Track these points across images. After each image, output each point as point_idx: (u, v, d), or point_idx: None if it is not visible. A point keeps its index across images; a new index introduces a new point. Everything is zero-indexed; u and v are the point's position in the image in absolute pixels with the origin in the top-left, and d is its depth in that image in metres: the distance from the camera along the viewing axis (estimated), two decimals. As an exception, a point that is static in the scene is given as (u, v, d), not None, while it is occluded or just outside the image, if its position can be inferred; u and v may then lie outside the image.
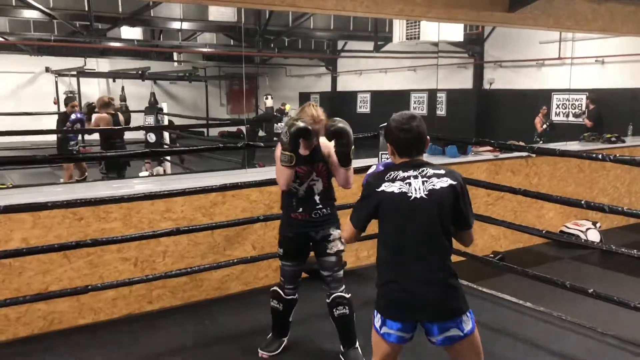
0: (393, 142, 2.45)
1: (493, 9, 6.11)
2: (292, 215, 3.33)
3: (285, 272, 3.50)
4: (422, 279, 2.31)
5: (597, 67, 11.89)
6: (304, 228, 3.34)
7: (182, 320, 4.17)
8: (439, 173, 2.39)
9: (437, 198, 2.33)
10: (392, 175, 2.38)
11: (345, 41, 17.02)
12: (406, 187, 2.34)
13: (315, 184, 3.31)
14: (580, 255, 5.99)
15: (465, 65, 14.97)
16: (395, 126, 2.43)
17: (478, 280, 4.88)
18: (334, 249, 3.38)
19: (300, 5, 5.25)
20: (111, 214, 4.07)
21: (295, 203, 3.31)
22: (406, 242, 2.34)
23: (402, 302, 2.33)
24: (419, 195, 2.33)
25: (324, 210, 3.35)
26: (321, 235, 3.36)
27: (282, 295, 3.50)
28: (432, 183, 2.35)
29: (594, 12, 6.89)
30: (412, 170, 2.38)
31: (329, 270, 3.41)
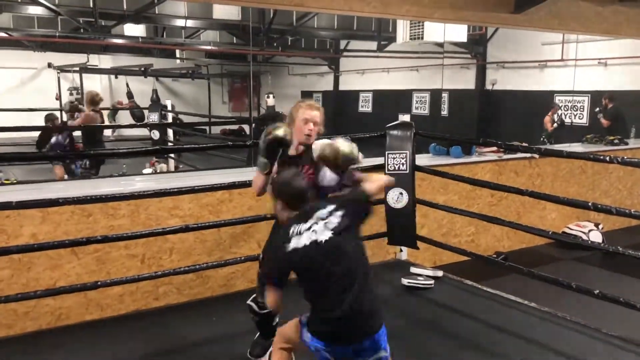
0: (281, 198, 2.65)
1: (499, 10, 6.13)
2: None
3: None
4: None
5: (599, 69, 11.91)
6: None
7: (188, 317, 4.20)
8: (331, 209, 2.53)
9: (339, 230, 2.49)
10: (296, 228, 2.51)
11: (348, 40, 17.04)
12: (314, 235, 2.47)
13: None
14: (582, 257, 6.02)
15: (468, 66, 14.98)
16: (283, 185, 2.66)
17: (482, 280, 4.91)
18: None
19: (308, 4, 5.27)
20: (119, 211, 4.10)
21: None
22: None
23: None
24: (325, 237, 2.46)
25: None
26: None
27: (255, 309, 3.39)
28: (331, 223, 2.49)
29: (599, 15, 6.90)
30: (310, 219, 2.51)
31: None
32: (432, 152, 6.12)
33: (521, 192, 4.37)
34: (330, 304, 2.43)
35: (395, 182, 4.78)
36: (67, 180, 6.89)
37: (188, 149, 7.46)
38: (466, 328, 4.00)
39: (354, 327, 2.44)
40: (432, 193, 5.45)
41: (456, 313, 4.29)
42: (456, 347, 3.72)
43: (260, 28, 12.57)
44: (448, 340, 3.87)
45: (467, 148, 6.01)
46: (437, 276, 4.92)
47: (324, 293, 2.45)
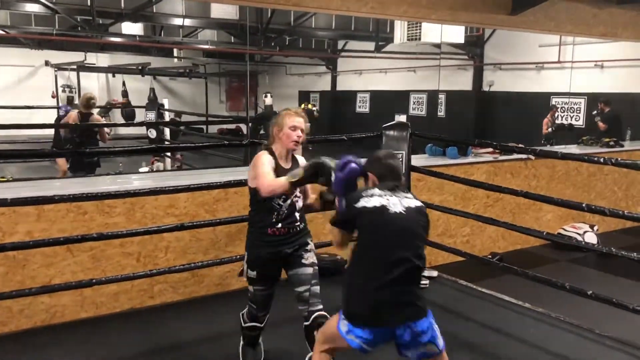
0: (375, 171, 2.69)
1: (496, 11, 6.16)
2: (269, 231, 3.02)
3: (257, 298, 3.15)
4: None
5: (596, 71, 11.96)
6: (280, 245, 3.05)
7: (183, 316, 4.20)
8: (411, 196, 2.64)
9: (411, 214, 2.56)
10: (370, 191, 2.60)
11: (346, 41, 17.06)
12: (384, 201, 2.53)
13: (298, 201, 3.09)
14: (577, 258, 6.05)
15: (465, 67, 15.03)
16: (381, 158, 2.73)
17: (478, 281, 4.93)
18: (310, 260, 3.12)
19: (305, 4, 5.29)
20: (115, 209, 4.10)
21: (274, 219, 3.01)
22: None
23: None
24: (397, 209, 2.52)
25: (301, 225, 3.13)
26: (294, 247, 3.09)
27: (258, 326, 3.25)
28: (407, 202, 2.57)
29: (595, 17, 6.93)
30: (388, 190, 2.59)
31: (305, 284, 3.06)
32: (429, 152, 6.13)
33: (516, 192, 4.39)
34: (379, 277, 2.40)
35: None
36: (63, 178, 6.89)
37: (184, 148, 7.47)
38: (460, 328, 4.01)
39: (397, 310, 2.41)
40: (428, 193, 5.46)
41: (450, 313, 4.30)
42: (450, 347, 3.70)
43: (258, 27, 12.58)
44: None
45: (463, 149, 6.03)
46: (432, 276, 4.94)
47: (375, 262, 2.43)
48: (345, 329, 2.46)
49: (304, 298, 3.06)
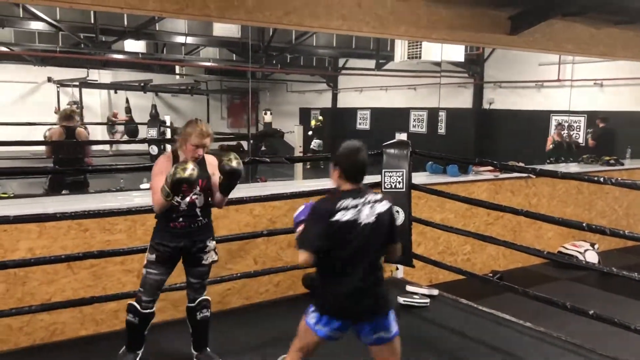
0: (343, 167, 2.72)
1: (495, 31, 6.22)
2: (172, 224, 3.34)
3: (147, 281, 3.38)
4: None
5: (595, 89, 12.01)
6: (182, 237, 3.37)
7: (183, 333, 4.17)
8: (378, 199, 2.76)
9: (381, 221, 2.72)
10: (345, 203, 2.65)
11: (346, 59, 17.17)
12: (358, 214, 2.66)
13: (197, 199, 3.36)
14: (579, 276, 6.03)
15: (465, 85, 15.11)
16: (347, 152, 2.73)
17: (478, 299, 4.91)
18: (209, 260, 3.49)
19: (307, 24, 5.35)
20: (116, 226, 4.11)
21: (175, 215, 3.33)
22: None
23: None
24: (368, 220, 2.68)
25: (204, 221, 3.43)
26: (198, 246, 3.42)
27: (138, 309, 3.39)
28: (377, 209, 2.72)
29: (594, 37, 7.00)
30: (360, 198, 2.70)
31: (199, 278, 3.51)
32: (429, 170, 6.15)
33: (516, 211, 4.39)
34: (350, 280, 2.66)
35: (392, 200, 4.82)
36: (64, 195, 6.90)
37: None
38: (461, 347, 4.00)
39: (367, 306, 2.69)
40: (429, 211, 5.47)
41: (451, 332, 4.29)
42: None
43: (259, 45, 12.67)
44: (443, 358, 3.86)
45: (463, 167, 6.05)
46: (432, 295, 4.93)
47: (346, 269, 2.67)
48: (313, 320, 2.73)
49: (194, 287, 3.52)
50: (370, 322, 2.71)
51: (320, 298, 2.77)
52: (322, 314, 2.71)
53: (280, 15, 5.00)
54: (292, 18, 5.06)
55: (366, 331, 2.72)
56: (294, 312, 4.61)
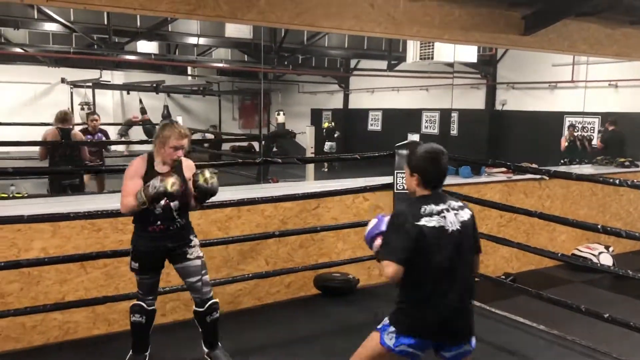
0: (423, 173, 2.51)
1: (508, 31, 6.18)
2: (150, 228, 3.32)
3: (143, 285, 3.45)
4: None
5: (610, 90, 11.90)
6: (160, 240, 3.34)
7: (195, 334, 4.18)
8: (461, 205, 2.56)
9: (465, 229, 2.50)
10: (428, 209, 2.44)
11: (358, 59, 17.16)
12: (443, 222, 2.45)
13: (172, 202, 3.32)
14: (592, 279, 5.96)
15: (477, 86, 15.04)
16: (428, 157, 2.52)
17: (491, 302, 4.87)
18: (195, 254, 3.43)
19: (319, 25, 5.34)
20: (129, 226, 4.09)
21: (152, 219, 3.30)
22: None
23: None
24: (454, 228, 2.46)
25: (181, 222, 3.40)
26: (176, 243, 3.39)
27: (144, 306, 3.43)
28: (462, 216, 2.51)
29: (609, 37, 6.93)
30: (442, 204, 2.49)
31: (195, 274, 3.43)
32: (441, 171, 6.11)
33: (530, 213, 4.36)
34: (447, 299, 2.43)
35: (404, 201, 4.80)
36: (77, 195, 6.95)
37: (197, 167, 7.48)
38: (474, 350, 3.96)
39: (458, 328, 2.50)
40: (441, 213, 5.43)
41: (464, 334, 4.25)
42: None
43: (271, 46, 12.70)
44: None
45: (476, 168, 6.01)
46: (445, 297, 4.88)
47: (440, 284, 2.43)
48: (392, 342, 2.49)
49: (196, 288, 3.44)
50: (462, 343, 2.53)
51: (405, 317, 2.50)
52: (405, 334, 2.47)
53: (293, 15, 4.99)
54: (304, 18, 5.05)
55: (452, 348, 2.52)
56: (304, 313, 4.63)
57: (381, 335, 2.53)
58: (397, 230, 2.43)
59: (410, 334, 2.47)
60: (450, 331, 2.48)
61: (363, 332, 4.25)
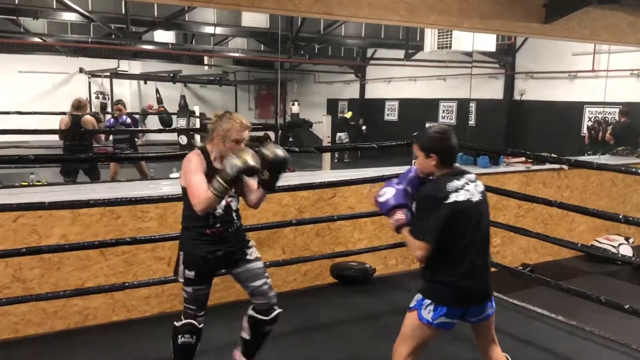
0: (442, 154, 2.61)
1: (528, 20, 6.09)
2: (208, 231, 2.99)
3: (196, 298, 3.06)
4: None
5: (632, 80, 11.70)
6: (218, 244, 3.02)
7: (212, 320, 4.19)
8: (474, 176, 2.72)
9: (484, 198, 2.69)
10: (454, 185, 2.58)
11: (375, 49, 17.06)
12: (468, 194, 2.59)
13: (232, 201, 3.07)
14: (612, 271, 5.89)
15: (496, 76, 14.87)
16: (444, 139, 2.63)
17: (508, 292, 4.84)
18: (254, 255, 3.16)
19: (336, 13, 5.30)
20: (147, 214, 4.16)
21: (212, 221, 2.99)
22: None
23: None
24: (477, 199, 2.62)
25: (238, 223, 3.13)
26: (234, 246, 3.09)
27: (196, 325, 3.09)
28: (479, 187, 2.67)
29: (631, 25, 6.79)
30: (462, 178, 2.63)
31: (260, 277, 3.11)
32: (459, 161, 6.05)
33: (550, 203, 4.31)
34: (473, 263, 2.60)
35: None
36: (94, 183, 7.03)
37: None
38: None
39: (484, 287, 2.68)
40: (458, 203, 5.40)
41: (481, 324, 4.23)
42: (478, 356, 3.67)
43: (288, 36, 12.67)
44: (472, 351, 3.82)
45: (494, 158, 5.95)
46: (462, 287, 4.87)
47: (468, 251, 2.59)
48: (430, 314, 2.60)
49: (262, 291, 3.10)
50: (481, 306, 2.69)
51: (441, 287, 2.61)
52: (442, 304, 2.59)
53: (309, 3, 4.97)
54: (320, 7, 5.02)
55: (477, 311, 2.69)
56: (321, 301, 4.64)
57: (418, 312, 2.62)
58: (427, 211, 2.54)
59: (447, 303, 2.59)
60: (481, 294, 2.66)
61: (379, 320, 4.30)
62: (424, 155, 2.63)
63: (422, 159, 2.65)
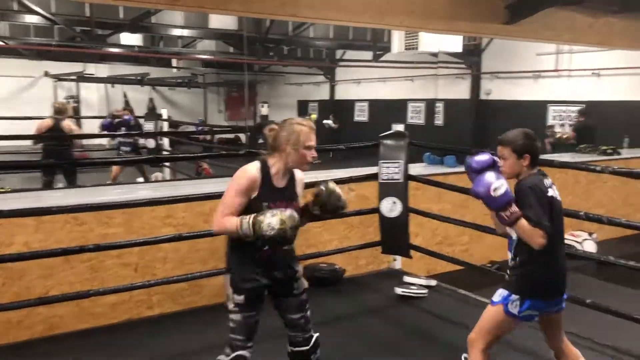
0: (535, 153, 2.80)
1: (492, 20, 6.19)
2: (258, 254, 2.68)
3: (246, 326, 2.73)
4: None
5: (593, 79, 12.00)
6: (269, 268, 2.72)
7: (181, 326, 4.18)
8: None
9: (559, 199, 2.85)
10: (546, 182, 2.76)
11: (344, 50, 17.14)
12: (556, 192, 2.79)
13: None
14: (576, 266, 6.02)
15: (462, 76, 15.08)
16: (534, 140, 2.84)
17: (476, 289, 4.90)
18: (302, 288, 2.86)
19: (303, 15, 5.32)
20: (114, 219, 4.09)
21: (261, 243, 2.62)
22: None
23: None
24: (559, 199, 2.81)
25: (291, 245, 2.78)
26: (288, 274, 2.80)
27: (247, 358, 2.76)
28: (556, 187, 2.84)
29: (592, 26, 6.97)
30: (547, 178, 2.80)
31: (300, 310, 2.83)
32: (427, 161, 6.14)
33: (513, 201, 4.38)
34: (561, 258, 2.76)
35: (388, 191, 4.81)
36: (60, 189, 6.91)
37: (180, 158, 7.47)
38: (460, 338, 3.96)
39: (565, 281, 2.79)
40: (426, 202, 5.46)
41: (450, 323, 4.29)
42: (450, 357, 3.72)
43: (256, 37, 12.64)
44: (442, 349, 3.87)
45: (461, 157, 6.04)
46: (430, 285, 4.93)
47: (558, 245, 2.74)
48: (517, 309, 2.71)
49: (299, 325, 2.85)
50: (563, 295, 2.80)
51: (532, 281, 2.71)
52: (530, 298, 2.70)
53: (276, 5, 4.96)
54: (288, 9, 5.03)
55: (557, 302, 2.79)
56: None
57: (505, 306, 2.74)
58: (540, 201, 2.65)
59: (536, 297, 2.71)
60: (563, 287, 2.78)
61: (350, 321, 4.31)
62: (516, 157, 2.76)
63: (513, 161, 2.77)
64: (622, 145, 8.72)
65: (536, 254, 2.66)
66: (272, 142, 2.68)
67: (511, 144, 2.79)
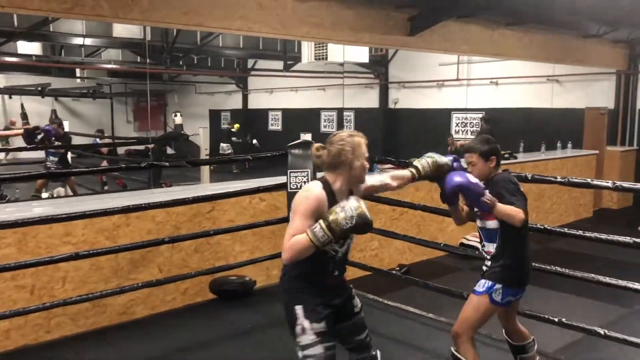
0: (499, 155, 3.06)
1: (395, 33, 6.43)
2: (329, 280, 2.55)
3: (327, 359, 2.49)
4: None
5: (491, 87, 12.71)
6: (335, 296, 2.58)
7: (83, 349, 3.99)
8: None
9: None
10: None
11: (255, 60, 17.11)
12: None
13: (350, 242, 2.64)
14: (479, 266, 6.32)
15: (371, 85, 15.50)
16: (495, 144, 3.08)
17: (384, 294, 5.03)
18: (359, 305, 2.73)
19: (208, 24, 5.28)
20: (4, 240, 3.85)
21: (332, 267, 2.54)
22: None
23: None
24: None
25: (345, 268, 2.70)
26: (344, 297, 2.65)
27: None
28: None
29: (488, 38, 7.40)
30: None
31: (364, 328, 2.71)
32: (336, 169, 6.22)
33: (414, 206, 4.56)
34: (529, 249, 3.07)
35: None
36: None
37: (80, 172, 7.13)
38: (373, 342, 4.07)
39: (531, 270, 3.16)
40: (335, 210, 5.53)
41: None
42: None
43: (163, 47, 12.35)
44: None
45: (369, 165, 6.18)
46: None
47: (527, 238, 3.03)
48: (499, 297, 2.95)
49: (365, 344, 2.70)
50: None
51: (512, 272, 2.96)
52: (511, 286, 2.95)
53: (178, 15, 4.89)
54: (191, 18, 4.97)
55: (523, 290, 3.07)
56: (200, 319, 4.55)
57: (490, 296, 2.95)
58: (518, 190, 2.94)
59: (516, 285, 2.99)
60: (529, 276, 3.08)
61: (258, 333, 4.28)
62: (484, 160, 2.99)
63: (481, 165, 3.00)
64: (518, 149, 9.27)
65: (513, 246, 2.98)
66: (334, 159, 2.53)
67: (478, 150, 3.03)
